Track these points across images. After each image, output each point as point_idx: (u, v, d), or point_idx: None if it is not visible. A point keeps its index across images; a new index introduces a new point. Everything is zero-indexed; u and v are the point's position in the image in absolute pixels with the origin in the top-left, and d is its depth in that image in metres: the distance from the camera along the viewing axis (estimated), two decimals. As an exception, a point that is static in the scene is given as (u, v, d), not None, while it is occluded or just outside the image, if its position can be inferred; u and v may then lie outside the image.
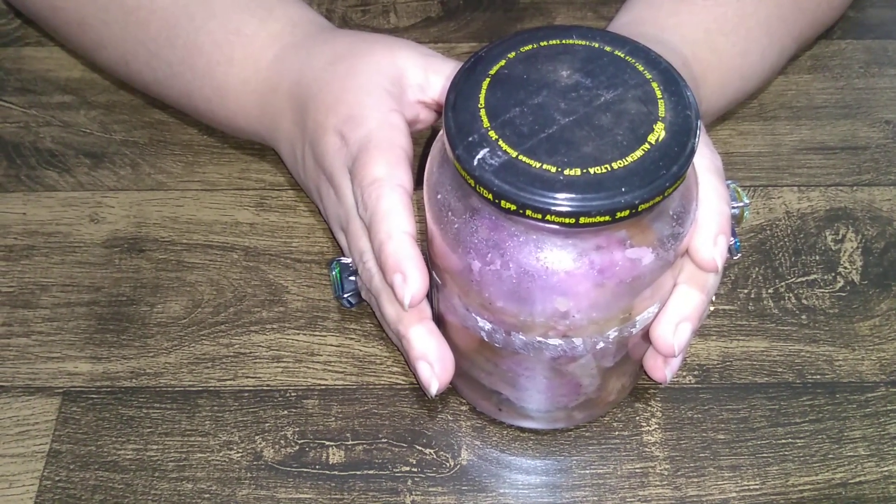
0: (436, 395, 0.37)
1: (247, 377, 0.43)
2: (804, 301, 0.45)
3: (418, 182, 0.36)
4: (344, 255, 0.43)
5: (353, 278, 0.42)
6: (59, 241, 0.48)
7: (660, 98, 0.31)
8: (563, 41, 0.33)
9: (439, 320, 0.38)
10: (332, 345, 0.44)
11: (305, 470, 0.40)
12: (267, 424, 0.41)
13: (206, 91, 0.46)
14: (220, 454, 0.40)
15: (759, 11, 0.46)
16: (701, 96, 0.44)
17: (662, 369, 0.38)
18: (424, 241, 0.37)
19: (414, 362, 0.37)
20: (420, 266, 0.35)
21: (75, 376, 0.43)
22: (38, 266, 0.47)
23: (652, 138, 0.30)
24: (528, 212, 0.29)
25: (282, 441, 0.41)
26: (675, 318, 0.35)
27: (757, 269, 0.46)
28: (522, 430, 0.41)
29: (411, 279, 0.35)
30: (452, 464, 0.40)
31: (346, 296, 0.42)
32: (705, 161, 0.36)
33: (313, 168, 0.42)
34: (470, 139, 0.30)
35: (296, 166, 0.45)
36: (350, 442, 0.41)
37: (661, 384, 0.42)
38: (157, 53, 0.46)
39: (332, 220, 0.42)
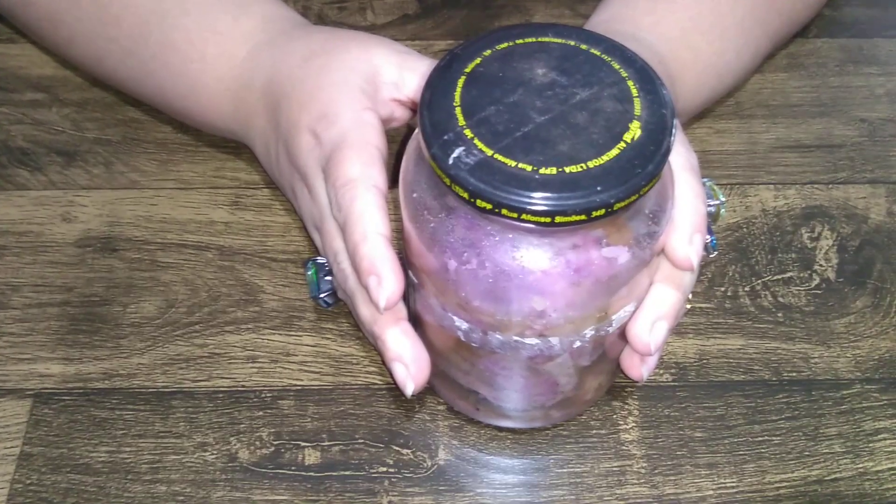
0: (412, 396, 0.37)
1: (221, 378, 0.42)
2: (780, 299, 0.45)
3: (394, 180, 0.36)
4: (319, 254, 0.43)
5: (328, 278, 0.41)
6: (30, 240, 0.47)
7: (635, 96, 0.31)
8: (539, 39, 0.33)
9: (416, 319, 0.38)
10: (307, 345, 0.43)
11: (281, 471, 0.40)
12: (242, 425, 0.41)
13: (179, 89, 0.45)
14: (195, 456, 0.40)
15: (735, 10, 0.46)
16: (677, 94, 0.44)
17: (639, 368, 0.38)
18: (400, 240, 0.37)
19: (389, 363, 0.37)
20: (395, 268, 0.35)
21: (47, 378, 0.42)
22: (8, 266, 0.46)
23: (628, 137, 0.30)
24: (504, 211, 0.29)
25: (257, 442, 0.40)
26: (652, 317, 0.35)
27: (733, 266, 0.46)
28: (500, 429, 0.41)
29: (386, 282, 0.34)
30: (430, 464, 0.40)
31: (322, 296, 0.42)
32: (681, 159, 0.36)
33: (287, 166, 0.42)
34: (445, 137, 0.30)
35: (270, 164, 0.44)
36: (326, 443, 0.40)
37: (637, 382, 0.42)
38: (131, 51, 0.45)
39: (307, 218, 0.42)
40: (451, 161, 0.29)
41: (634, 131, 0.30)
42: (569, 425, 0.41)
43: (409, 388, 0.36)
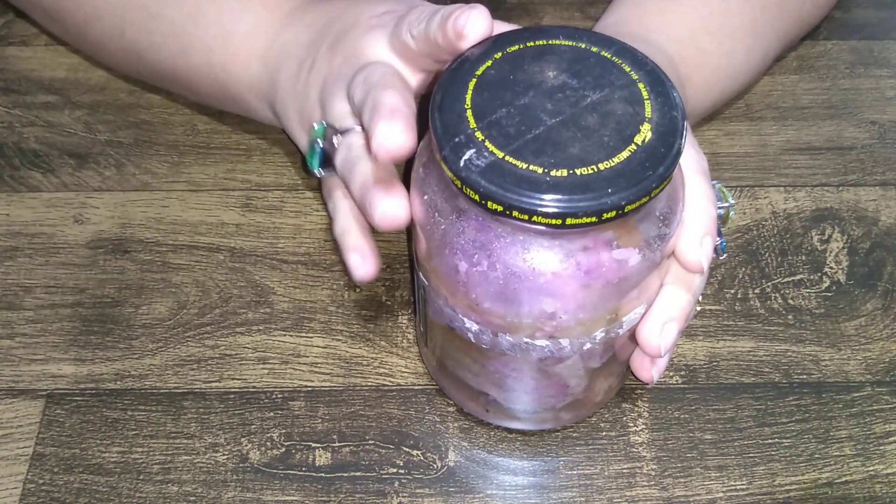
0: (360, 275, 0.36)
1: (232, 379, 0.42)
2: (790, 301, 0.45)
3: (404, 184, 0.36)
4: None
5: (335, 139, 0.38)
6: (42, 242, 0.47)
7: (646, 99, 0.31)
8: (550, 42, 0.33)
9: (426, 322, 0.38)
10: (318, 346, 0.44)
11: (292, 472, 0.40)
12: (253, 426, 0.41)
13: (208, 40, 0.46)
14: (206, 456, 0.40)
15: (743, 11, 0.46)
16: (687, 96, 0.44)
17: (649, 370, 0.38)
18: (411, 242, 0.37)
19: (379, 221, 0.33)
20: (411, 104, 0.33)
21: (59, 378, 0.42)
22: (21, 267, 0.46)
23: (638, 139, 0.30)
24: (515, 213, 0.29)
25: (268, 443, 0.41)
26: (662, 319, 0.35)
27: (743, 269, 0.46)
28: (510, 430, 0.41)
29: (396, 96, 0.33)
30: (440, 465, 0.40)
31: (320, 148, 0.39)
32: (691, 162, 0.36)
33: (326, 57, 0.41)
34: (456, 140, 0.30)
35: (294, 85, 0.43)
36: (337, 444, 0.41)
37: (647, 384, 0.42)
38: (159, 14, 0.46)
39: (339, 84, 0.39)
40: (462, 163, 0.29)
41: (645, 134, 0.30)
42: (578, 427, 0.41)
43: (362, 267, 0.36)
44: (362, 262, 0.37)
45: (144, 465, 0.40)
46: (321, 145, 0.39)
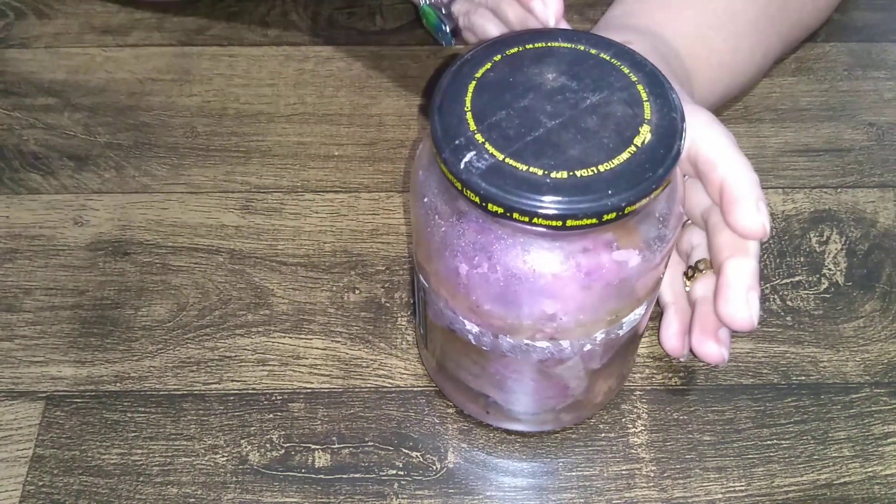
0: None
1: (232, 381, 0.43)
2: (789, 302, 0.45)
3: (405, 185, 0.36)
4: None
5: (444, 12, 0.43)
6: (42, 244, 0.47)
7: (645, 101, 0.31)
8: (549, 44, 0.33)
9: (427, 323, 0.38)
10: (317, 348, 0.44)
11: (291, 474, 0.40)
12: (252, 428, 0.41)
13: None
14: (206, 458, 0.40)
15: (748, 9, 0.47)
16: (693, 90, 0.44)
17: (719, 351, 0.37)
18: (411, 245, 0.37)
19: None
20: None
21: (59, 380, 0.42)
22: (21, 269, 0.46)
23: (638, 141, 0.30)
24: (516, 215, 0.29)
25: (267, 445, 0.41)
26: (742, 292, 0.35)
27: (742, 270, 0.46)
28: (509, 432, 0.41)
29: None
30: (439, 467, 0.40)
31: (446, 28, 0.44)
32: (723, 138, 0.36)
33: None
34: (456, 142, 0.30)
35: None
36: (336, 445, 0.41)
37: (720, 367, 0.42)
38: None
39: None
40: (462, 165, 0.29)
41: (644, 135, 0.30)
42: (578, 428, 0.41)
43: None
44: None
45: (144, 466, 0.40)
46: (444, 27, 0.44)
